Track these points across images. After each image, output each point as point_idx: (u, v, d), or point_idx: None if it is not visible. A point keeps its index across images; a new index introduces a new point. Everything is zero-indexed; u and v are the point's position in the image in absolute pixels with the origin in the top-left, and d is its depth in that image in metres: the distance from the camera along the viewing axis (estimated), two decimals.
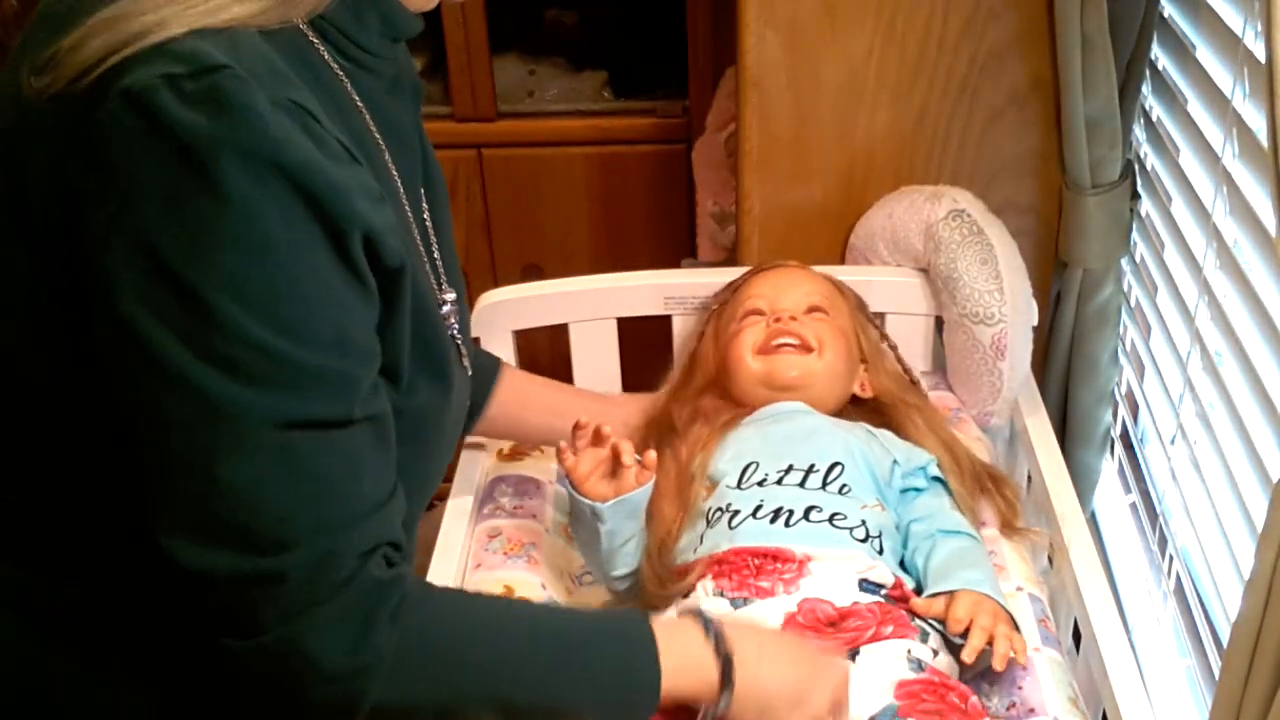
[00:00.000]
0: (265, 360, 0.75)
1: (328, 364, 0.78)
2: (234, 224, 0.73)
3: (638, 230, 2.54)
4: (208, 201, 0.73)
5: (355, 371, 0.80)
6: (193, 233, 0.73)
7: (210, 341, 0.74)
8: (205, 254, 0.73)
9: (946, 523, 1.22)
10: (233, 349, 0.74)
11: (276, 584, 0.79)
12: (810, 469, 1.21)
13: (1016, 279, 1.42)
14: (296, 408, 0.77)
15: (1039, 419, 1.44)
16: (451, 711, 0.88)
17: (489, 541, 1.29)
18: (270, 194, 0.73)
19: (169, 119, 0.72)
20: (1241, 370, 1.16)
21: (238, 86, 0.73)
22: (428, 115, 1.09)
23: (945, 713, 1.02)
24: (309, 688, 0.81)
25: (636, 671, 0.92)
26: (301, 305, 0.76)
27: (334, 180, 0.76)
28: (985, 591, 1.12)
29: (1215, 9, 1.24)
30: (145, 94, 0.72)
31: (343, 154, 0.79)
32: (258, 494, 0.77)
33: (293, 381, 0.76)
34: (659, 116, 2.47)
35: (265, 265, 0.74)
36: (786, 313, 1.33)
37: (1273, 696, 0.82)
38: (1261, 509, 0.92)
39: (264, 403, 0.76)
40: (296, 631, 0.80)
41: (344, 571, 0.80)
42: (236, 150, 0.72)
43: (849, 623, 1.09)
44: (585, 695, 0.92)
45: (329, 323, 0.77)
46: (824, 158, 1.60)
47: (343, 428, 0.79)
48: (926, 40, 1.52)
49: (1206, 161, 1.27)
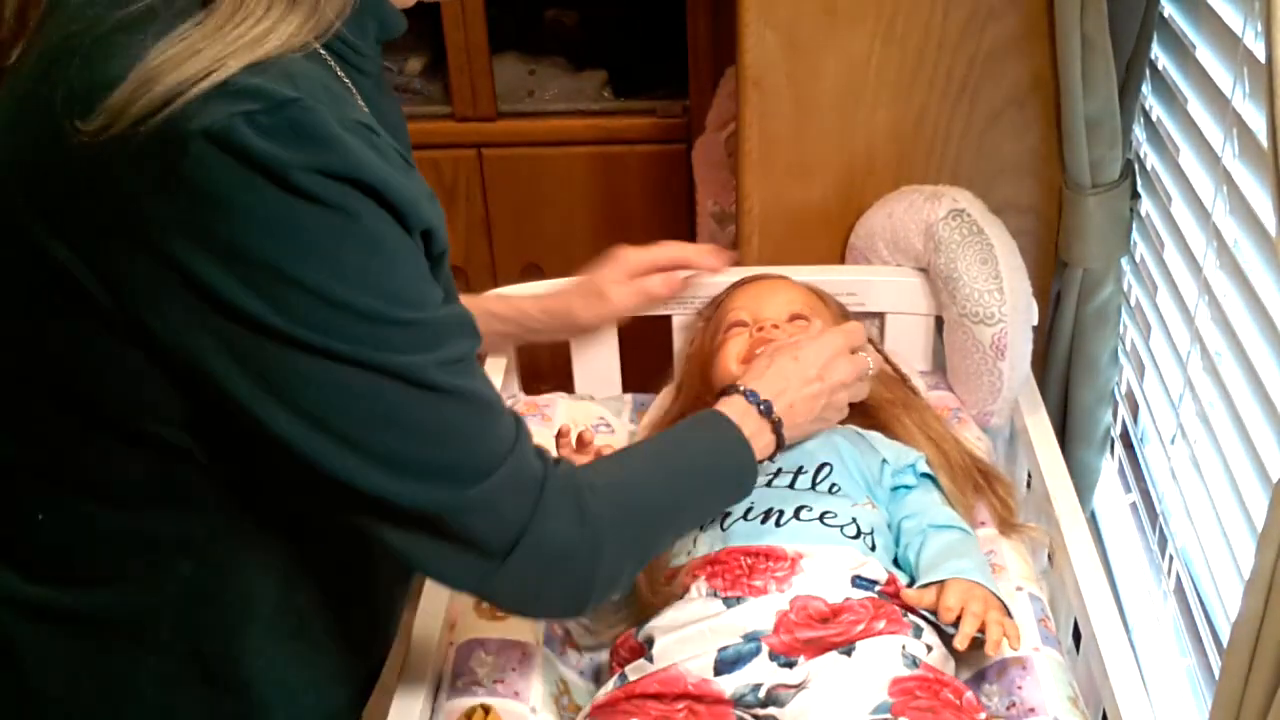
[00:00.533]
0: (405, 330, 0.83)
1: (447, 314, 0.87)
2: (338, 227, 0.79)
3: (638, 230, 2.52)
4: (312, 215, 0.78)
5: (461, 314, 0.90)
6: (305, 242, 0.78)
7: (356, 330, 0.81)
8: (324, 259, 0.79)
9: (937, 518, 1.22)
10: (376, 329, 0.81)
11: (496, 505, 0.89)
12: (799, 471, 1.23)
13: (1016, 279, 1.42)
14: (444, 352, 0.86)
15: (1039, 419, 1.44)
16: (653, 556, 1.07)
17: None
18: (362, 205, 0.79)
19: (255, 151, 0.75)
20: (1241, 370, 1.16)
21: (310, 118, 0.77)
22: (428, 115, 1.10)
23: (939, 709, 1.03)
24: (559, 578, 0.94)
25: (743, 463, 1.12)
26: (410, 282, 0.84)
27: (405, 190, 0.82)
28: (975, 579, 1.13)
29: (1215, 9, 1.24)
30: (226, 132, 0.75)
31: (401, 163, 0.84)
32: (452, 430, 0.86)
33: (432, 336, 0.85)
34: (659, 116, 2.48)
35: (377, 256, 0.81)
36: (769, 321, 1.35)
37: (1273, 696, 0.82)
38: (1261, 509, 0.92)
39: (420, 358, 0.84)
40: (532, 535, 0.90)
41: (536, 469, 0.92)
42: (326, 172, 0.77)
43: (842, 618, 1.10)
44: (720, 504, 1.16)
45: (430, 286, 0.86)
46: (824, 158, 1.60)
47: (474, 359, 0.91)
48: (926, 40, 1.52)
49: (1206, 161, 1.27)
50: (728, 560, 1.15)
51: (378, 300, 0.81)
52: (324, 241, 0.79)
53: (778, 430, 1.16)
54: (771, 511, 1.19)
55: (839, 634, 1.09)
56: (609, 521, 0.96)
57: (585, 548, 0.95)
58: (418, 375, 0.83)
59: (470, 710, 1.10)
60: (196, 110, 0.75)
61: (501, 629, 1.18)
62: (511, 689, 1.12)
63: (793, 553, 1.15)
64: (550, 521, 0.92)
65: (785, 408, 1.17)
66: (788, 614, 1.10)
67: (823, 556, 1.15)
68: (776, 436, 1.16)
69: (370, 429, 0.83)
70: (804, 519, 1.18)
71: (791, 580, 1.13)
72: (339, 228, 0.79)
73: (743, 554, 1.15)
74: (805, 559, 1.14)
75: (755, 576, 1.13)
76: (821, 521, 1.18)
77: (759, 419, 1.15)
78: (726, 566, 1.15)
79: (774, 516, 1.19)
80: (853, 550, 1.16)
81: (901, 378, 1.43)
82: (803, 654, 1.07)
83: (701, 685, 1.06)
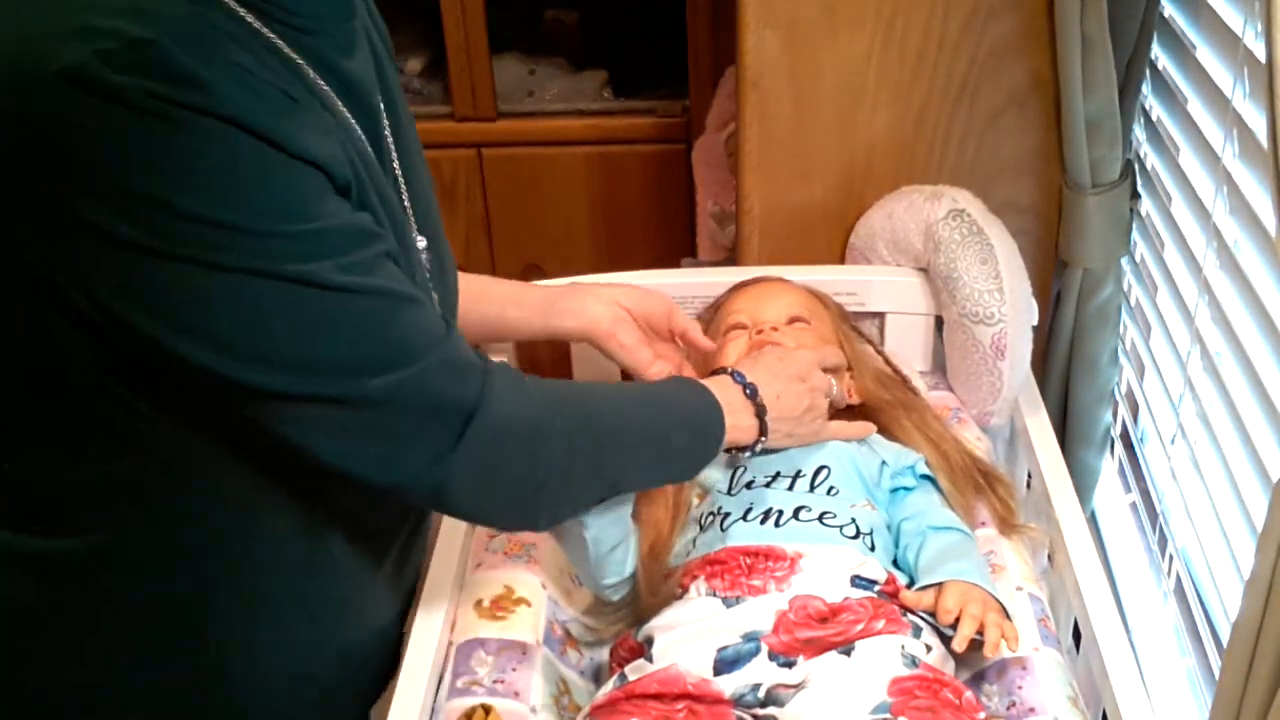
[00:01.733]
0: (292, 240, 0.84)
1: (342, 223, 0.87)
2: (202, 153, 0.80)
3: (638, 230, 2.54)
4: (177, 143, 0.79)
5: (362, 222, 0.90)
6: (173, 169, 0.79)
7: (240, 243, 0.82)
8: (194, 183, 0.80)
9: (936, 519, 1.23)
10: (262, 242, 0.82)
11: (431, 391, 0.91)
12: (797, 474, 1.23)
13: (1016, 279, 1.42)
14: (345, 258, 0.86)
15: (1039, 419, 1.44)
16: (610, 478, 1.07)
17: (489, 541, 1.29)
18: (225, 132, 0.80)
19: (113, 86, 0.76)
20: (1241, 370, 1.16)
21: (166, 56, 0.78)
22: (428, 115, 1.11)
23: (938, 709, 1.03)
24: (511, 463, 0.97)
25: (708, 409, 1.12)
26: (291, 198, 0.84)
27: (274, 120, 0.82)
28: (973, 581, 1.13)
29: (1215, 9, 1.24)
30: (83, 70, 0.76)
31: (280, 97, 0.84)
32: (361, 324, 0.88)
33: (326, 244, 0.85)
34: (659, 116, 2.48)
35: (247, 176, 0.82)
36: (768, 324, 1.35)
37: (1273, 696, 0.82)
38: (1261, 509, 0.92)
39: (315, 265, 0.85)
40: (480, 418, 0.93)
41: (475, 359, 0.96)
42: (185, 104, 0.78)
43: (841, 618, 1.10)
44: (680, 442, 1.12)
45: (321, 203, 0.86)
46: (824, 158, 1.60)
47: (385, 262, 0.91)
48: (926, 40, 1.52)
49: (1206, 161, 1.27)
50: (727, 560, 1.16)
51: (254, 216, 0.82)
52: (191, 167, 0.80)
53: (761, 416, 1.17)
54: (771, 512, 1.19)
55: (838, 634, 1.09)
56: (555, 404, 1.00)
57: (534, 425, 0.97)
58: (314, 278, 0.84)
59: (471, 710, 1.10)
60: (53, 51, 0.77)
61: (501, 629, 1.18)
62: (511, 689, 1.12)
63: (792, 552, 1.15)
64: (498, 403, 0.94)
65: (772, 397, 1.18)
66: (787, 614, 1.10)
67: (822, 556, 1.15)
68: (760, 423, 1.17)
69: (273, 335, 0.85)
70: (803, 519, 1.18)
71: (791, 580, 1.13)
72: (203, 153, 0.80)
73: (742, 554, 1.15)
74: (804, 559, 1.14)
75: (754, 576, 1.14)
76: (820, 521, 1.18)
77: (743, 399, 1.16)
78: (726, 566, 1.15)
79: (773, 517, 1.19)
80: (852, 550, 1.16)
81: (901, 378, 1.43)
82: (802, 654, 1.07)
83: (701, 685, 1.06)
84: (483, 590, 1.23)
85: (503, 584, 1.23)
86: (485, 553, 1.28)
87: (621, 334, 1.28)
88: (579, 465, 1.02)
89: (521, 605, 1.21)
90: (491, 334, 1.36)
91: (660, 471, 1.14)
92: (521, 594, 1.22)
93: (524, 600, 1.22)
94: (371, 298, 0.88)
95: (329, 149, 0.87)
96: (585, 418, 1.04)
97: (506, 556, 1.27)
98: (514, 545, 1.29)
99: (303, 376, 0.87)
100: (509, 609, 1.21)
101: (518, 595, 1.22)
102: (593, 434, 1.04)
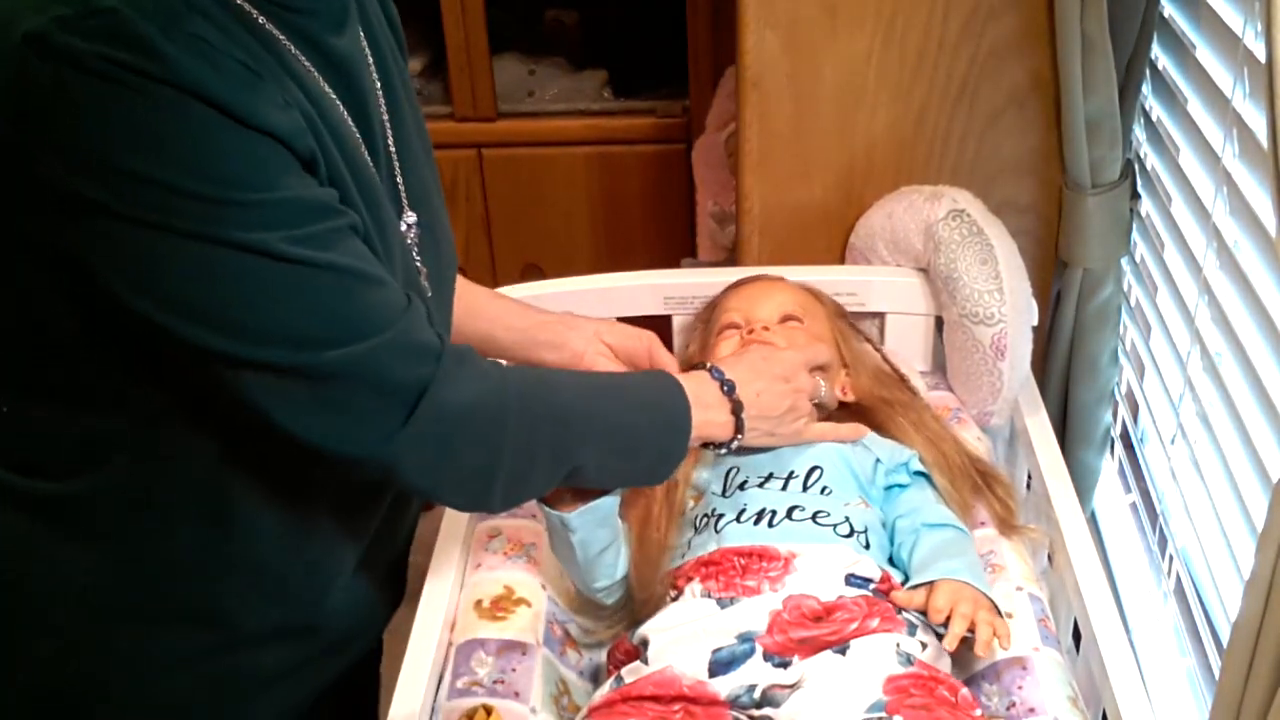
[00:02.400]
0: (245, 209, 0.84)
1: (298, 196, 0.88)
2: (158, 120, 0.81)
3: (638, 230, 2.54)
4: (135, 109, 0.80)
5: (322, 196, 0.90)
6: (131, 134, 0.81)
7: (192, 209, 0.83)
8: (152, 148, 0.81)
9: (931, 516, 1.23)
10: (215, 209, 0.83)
11: (380, 368, 0.91)
12: (790, 475, 1.24)
13: (1016, 279, 1.42)
14: (298, 230, 0.87)
15: (1039, 419, 1.44)
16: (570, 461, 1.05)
17: (489, 541, 1.29)
18: (181, 101, 0.81)
19: (72, 50, 0.78)
20: (1241, 370, 1.16)
21: (123, 24, 0.79)
22: (428, 115, 1.10)
23: (933, 706, 1.03)
24: (463, 445, 0.97)
25: (677, 420, 1.11)
26: (248, 167, 0.85)
27: (232, 92, 0.83)
28: (964, 579, 1.13)
29: (1215, 9, 1.24)
30: (43, 37, 0.78)
31: (241, 70, 0.85)
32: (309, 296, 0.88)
33: (280, 214, 0.86)
34: (659, 116, 2.48)
35: (203, 144, 0.82)
36: (760, 323, 1.35)
37: (1273, 696, 0.82)
38: (1261, 509, 0.92)
39: (267, 234, 0.85)
40: (431, 397, 0.93)
41: (431, 340, 0.95)
42: (143, 73, 0.80)
43: (835, 616, 1.10)
44: (644, 433, 1.11)
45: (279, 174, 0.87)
46: (824, 158, 1.60)
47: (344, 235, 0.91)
48: (926, 40, 1.52)
49: (1206, 161, 1.27)
50: (721, 561, 1.16)
51: (205, 182, 0.83)
52: (144, 131, 0.81)
53: (738, 413, 1.15)
54: (764, 512, 1.19)
55: (833, 633, 1.09)
56: (513, 389, 1.00)
57: (487, 410, 0.98)
58: (263, 247, 0.85)
59: (472, 710, 1.10)
60: (19, 18, 0.79)
61: (501, 629, 1.18)
62: (511, 689, 1.12)
63: (785, 552, 1.15)
64: (449, 384, 0.95)
65: (751, 395, 1.17)
66: (781, 614, 1.10)
67: (815, 555, 1.15)
68: (736, 420, 1.15)
69: (221, 301, 0.86)
70: (796, 519, 1.18)
71: (785, 580, 1.13)
72: (157, 119, 0.81)
73: (736, 554, 1.15)
74: (798, 558, 1.14)
75: (748, 576, 1.14)
76: (814, 521, 1.18)
77: (718, 394, 1.15)
78: (720, 567, 1.15)
79: (766, 517, 1.19)
80: (845, 549, 1.16)
81: (901, 378, 1.43)
82: (797, 654, 1.07)
83: (697, 687, 1.06)
84: (483, 590, 1.23)
85: (503, 584, 1.23)
86: (485, 553, 1.28)
87: (600, 369, 1.29)
88: (536, 450, 1.02)
89: (521, 605, 1.21)
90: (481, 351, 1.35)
91: (623, 460, 1.12)
92: (521, 594, 1.23)
93: (524, 600, 1.22)
94: (322, 271, 0.88)
95: (290, 122, 0.87)
96: (544, 404, 1.04)
97: (506, 557, 1.27)
98: (514, 545, 1.29)
99: (251, 344, 0.88)
100: (509, 609, 1.21)
101: (518, 595, 1.22)
102: (551, 420, 1.04)
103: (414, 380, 0.93)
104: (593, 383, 1.14)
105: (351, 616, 1.13)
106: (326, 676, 1.14)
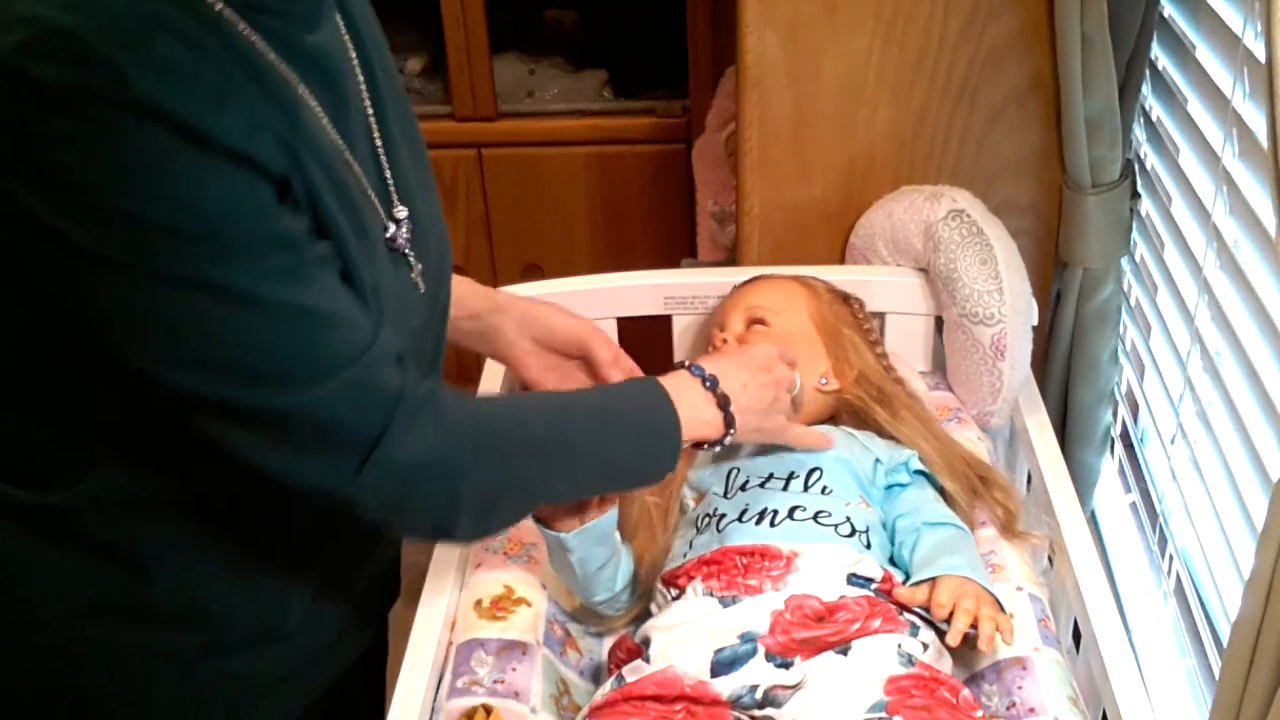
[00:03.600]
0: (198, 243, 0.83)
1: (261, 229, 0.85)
2: (117, 147, 0.79)
3: (638, 230, 2.54)
4: (96, 137, 0.78)
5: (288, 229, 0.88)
6: (90, 162, 0.79)
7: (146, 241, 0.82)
8: (110, 176, 0.80)
9: (931, 515, 1.23)
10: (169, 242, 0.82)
11: (331, 413, 0.89)
12: (790, 476, 1.24)
13: (1016, 279, 1.42)
14: (258, 264, 0.85)
15: (1039, 419, 1.44)
16: (541, 491, 1.06)
17: (489, 541, 1.29)
18: (142, 127, 0.79)
19: (27, 76, 0.77)
20: (1241, 370, 1.16)
21: (84, 46, 0.77)
22: (428, 115, 1.09)
23: (934, 707, 1.03)
24: (420, 494, 0.96)
25: (664, 431, 1.10)
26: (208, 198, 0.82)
27: (200, 118, 0.81)
28: (966, 575, 1.13)
29: (1215, 9, 1.24)
30: (6, 60, 0.77)
31: (209, 91, 0.82)
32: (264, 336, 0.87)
33: (238, 248, 0.84)
34: (659, 116, 2.48)
35: (162, 173, 0.80)
36: (728, 335, 1.37)
37: (1273, 696, 0.82)
38: (1261, 509, 0.92)
39: (225, 269, 0.84)
40: (384, 448, 0.91)
41: (389, 384, 0.92)
42: (97, 94, 0.78)
43: (837, 616, 1.10)
44: (625, 455, 1.10)
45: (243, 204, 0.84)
46: (824, 158, 1.60)
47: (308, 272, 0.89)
48: (926, 40, 1.52)
49: (1206, 161, 1.27)
50: (723, 560, 1.16)
51: (170, 214, 0.81)
52: (100, 157, 0.79)
53: (725, 407, 1.14)
54: (766, 512, 1.20)
55: (834, 633, 1.09)
56: (472, 439, 0.98)
57: (444, 464, 0.96)
58: (222, 284, 0.84)
59: (472, 710, 1.10)
60: None
61: (501, 629, 1.18)
62: (511, 689, 1.12)
63: (787, 551, 1.15)
64: (404, 436, 0.92)
65: (737, 386, 1.15)
66: (783, 614, 1.10)
67: (817, 555, 1.15)
68: (725, 414, 1.14)
69: (175, 338, 0.85)
70: (798, 518, 1.19)
71: (787, 579, 1.13)
72: (112, 144, 0.79)
73: (738, 554, 1.16)
74: (800, 558, 1.14)
75: (750, 576, 1.14)
76: (815, 520, 1.18)
77: (703, 392, 1.13)
78: (722, 566, 1.15)
79: (768, 517, 1.19)
80: (847, 548, 1.17)
81: (899, 380, 1.43)
82: (799, 654, 1.07)
83: (698, 687, 1.06)
84: (483, 590, 1.23)
85: (503, 584, 1.23)
86: (485, 553, 1.28)
87: (528, 366, 1.29)
88: (502, 492, 1.01)
89: (521, 605, 1.21)
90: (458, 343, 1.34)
91: (606, 482, 1.12)
92: (521, 594, 1.23)
93: (524, 600, 1.22)
94: (279, 309, 0.86)
95: (260, 143, 0.85)
96: (511, 443, 1.02)
97: (506, 556, 1.27)
98: (514, 545, 1.29)
99: (205, 380, 0.86)
100: (509, 609, 1.21)
101: (518, 595, 1.22)
102: (520, 458, 1.02)
103: (365, 430, 0.91)
104: (571, 405, 1.10)
105: (341, 619, 1.12)
106: (326, 677, 1.14)
